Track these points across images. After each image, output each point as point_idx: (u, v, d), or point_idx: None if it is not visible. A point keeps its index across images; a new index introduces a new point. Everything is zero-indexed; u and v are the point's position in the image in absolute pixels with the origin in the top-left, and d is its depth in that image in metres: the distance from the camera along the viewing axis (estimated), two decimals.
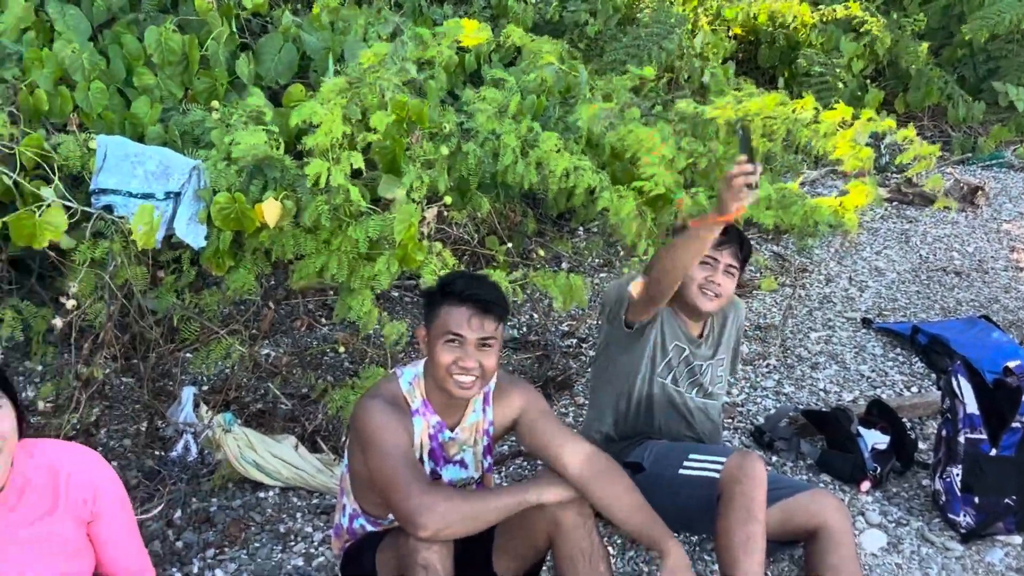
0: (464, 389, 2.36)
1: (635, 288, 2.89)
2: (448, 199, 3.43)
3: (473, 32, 3.74)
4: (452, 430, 2.48)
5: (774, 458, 3.49)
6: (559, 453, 2.41)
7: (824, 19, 6.73)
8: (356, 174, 3.18)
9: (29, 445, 2.06)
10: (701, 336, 3.07)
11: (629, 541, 3.04)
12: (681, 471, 2.81)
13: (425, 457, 2.45)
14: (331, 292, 4.02)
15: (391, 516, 2.46)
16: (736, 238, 2.98)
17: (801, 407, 3.78)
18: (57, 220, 2.70)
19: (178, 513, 3.03)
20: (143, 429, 3.39)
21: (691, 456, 2.83)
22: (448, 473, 2.51)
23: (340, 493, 2.60)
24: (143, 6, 3.73)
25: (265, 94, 3.86)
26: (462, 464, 2.53)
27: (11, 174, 2.77)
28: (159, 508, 2.95)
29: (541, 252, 3.90)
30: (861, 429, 3.39)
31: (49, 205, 2.75)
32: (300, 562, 2.91)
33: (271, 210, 2.92)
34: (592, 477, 2.38)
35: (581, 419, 3.64)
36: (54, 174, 2.83)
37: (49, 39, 3.35)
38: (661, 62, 5.60)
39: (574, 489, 2.37)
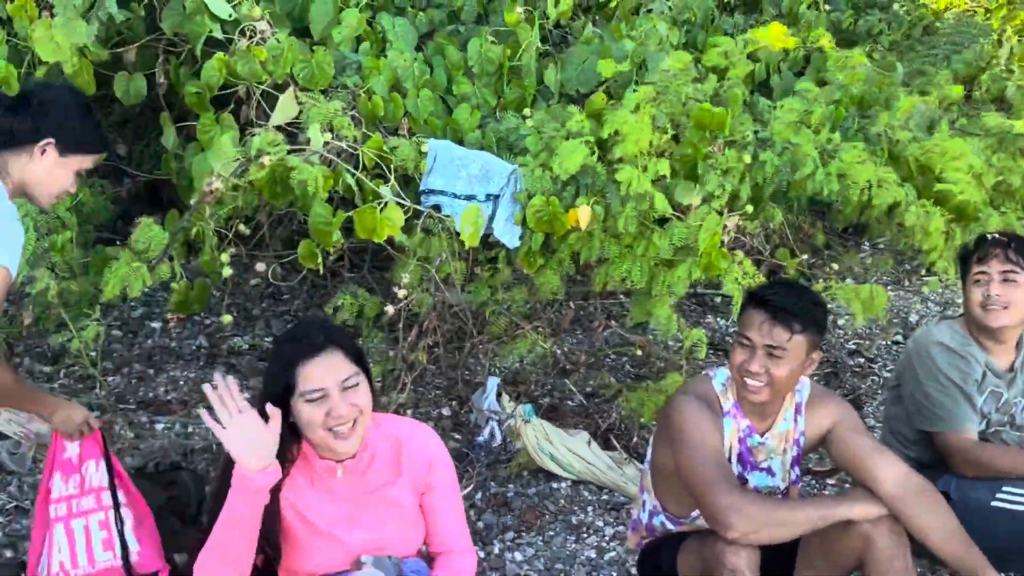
0: (751, 393, 2.37)
1: (951, 440, 2.78)
2: (749, 208, 3.44)
3: (780, 37, 3.72)
4: (761, 435, 2.49)
5: None
6: (872, 469, 2.36)
7: None
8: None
9: (375, 418, 2.27)
10: (1012, 369, 2.89)
11: (930, 572, 2.93)
12: (994, 503, 2.69)
13: (733, 460, 2.48)
14: (620, 295, 4.13)
15: (693, 515, 2.51)
16: (1002, 243, 2.79)
17: None
18: (396, 217, 2.95)
19: (479, 495, 3.23)
20: (445, 413, 3.63)
21: (1005, 488, 2.70)
22: (754, 479, 2.52)
23: (640, 489, 2.68)
24: (462, 18, 3.98)
25: (564, 102, 4.04)
26: (769, 471, 2.53)
27: (355, 172, 3.05)
28: (468, 489, 3.15)
29: (835, 266, 3.84)
30: None
31: (386, 203, 3.01)
32: (592, 554, 3.02)
33: (584, 215, 3.05)
34: (906, 496, 2.32)
35: None
36: (390, 174, 3.09)
37: (380, 49, 3.66)
38: (960, 74, 5.33)
39: (885, 507, 2.32)
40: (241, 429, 1.98)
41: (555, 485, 3.32)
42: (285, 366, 2.08)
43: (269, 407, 2.01)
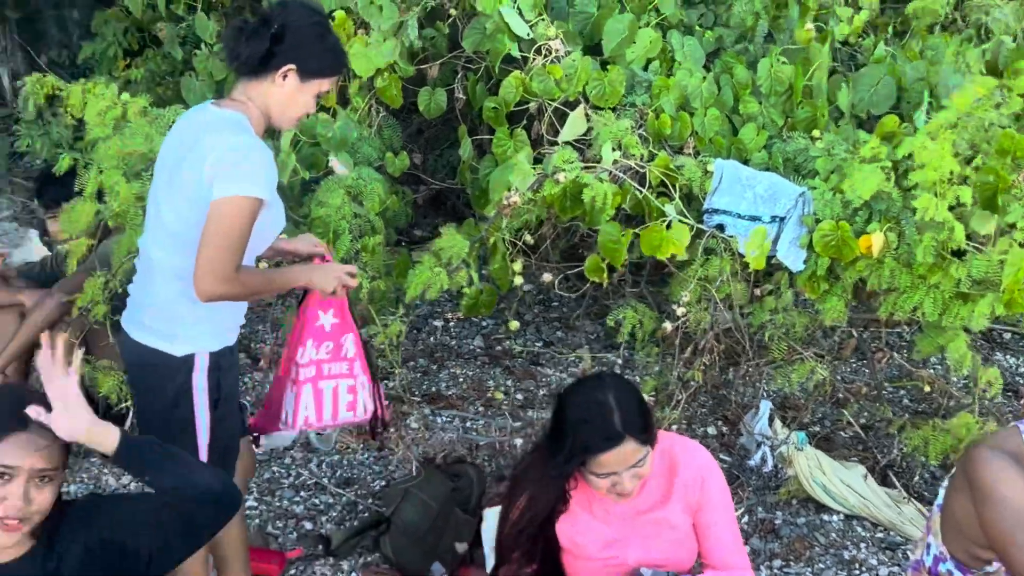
0: None
1: None
2: None
3: None
4: None
5: None
6: None
7: None
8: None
9: None
10: None
11: None
12: None
13: None
14: (904, 325, 3.96)
15: (987, 569, 2.38)
16: None
17: None
18: (681, 237, 2.98)
19: (746, 519, 3.20)
20: (710, 432, 3.62)
21: None
22: None
23: (926, 531, 2.56)
24: (754, 37, 3.95)
25: (854, 123, 3.92)
26: None
27: (641, 190, 3.11)
28: (737, 511, 3.13)
29: None
30: None
31: (671, 221, 3.05)
32: None
33: (878, 242, 2.95)
34: None
35: None
36: (675, 192, 3.13)
37: (668, 68, 3.70)
38: None
39: None
40: None
41: (826, 517, 3.24)
42: (580, 452, 2.13)
43: None
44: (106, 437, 1.84)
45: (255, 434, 2.70)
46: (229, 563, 2.63)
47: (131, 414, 3.00)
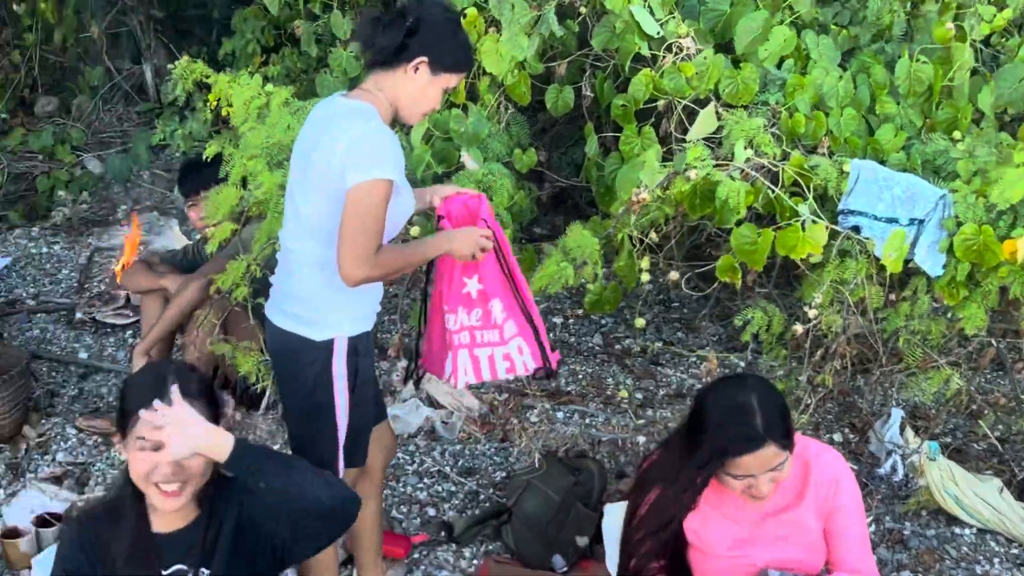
0: None
1: None
2: None
3: None
4: None
5: None
6: None
7: None
8: None
9: None
10: None
11: None
12: None
13: None
14: None
15: None
16: None
17: None
18: (818, 237, 2.93)
19: (873, 528, 3.13)
20: (836, 439, 3.54)
21: None
22: None
23: None
24: (889, 35, 3.86)
25: (996, 125, 3.78)
26: None
27: (774, 189, 3.07)
28: (866, 520, 3.06)
29: None
30: None
31: (804, 221, 3.00)
32: None
33: (1023, 248, 2.85)
34: None
35: None
36: (808, 192, 3.08)
37: (803, 66, 3.64)
38: None
39: None
40: None
41: (957, 530, 3.14)
42: (718, 454, 2.11)
43: None
44: (221, 447, 1.89)
45: (421, 372, 2.75)
46: (362, 542, 2.71)
47: (267, 394, 3.11)
